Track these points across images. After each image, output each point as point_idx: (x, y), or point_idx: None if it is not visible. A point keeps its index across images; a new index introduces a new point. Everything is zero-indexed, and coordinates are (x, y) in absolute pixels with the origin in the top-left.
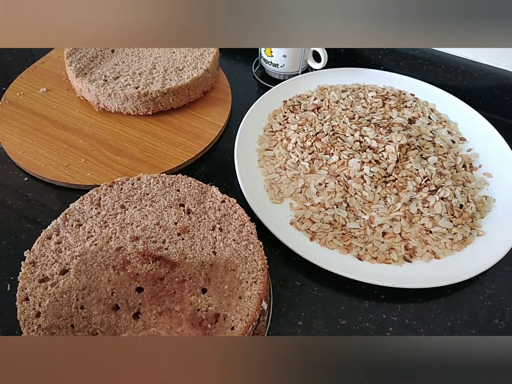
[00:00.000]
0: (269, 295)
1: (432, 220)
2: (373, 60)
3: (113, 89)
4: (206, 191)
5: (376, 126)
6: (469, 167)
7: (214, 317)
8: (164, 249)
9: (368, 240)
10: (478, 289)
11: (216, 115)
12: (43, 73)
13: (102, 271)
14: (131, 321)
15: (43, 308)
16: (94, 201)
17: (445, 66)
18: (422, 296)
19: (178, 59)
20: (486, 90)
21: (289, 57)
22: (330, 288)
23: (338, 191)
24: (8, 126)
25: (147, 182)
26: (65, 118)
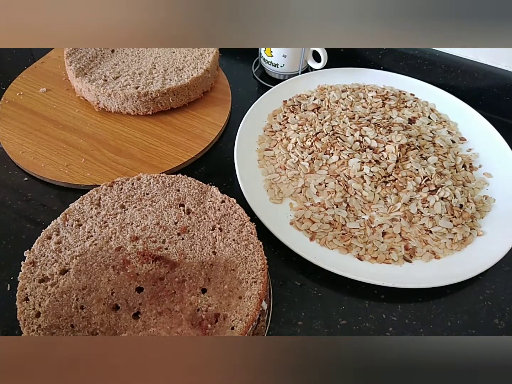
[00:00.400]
0: (269, 295)
1: (432, 220)
2: (373, 60)
3: (113, 89)
4: (206, 191)
5: (376, 126)
6: (469, 167)
7: (214, 317)
8: (164, 249)
9: (368, 240)
10: (478, 289)
11: (216, 115)
12: (43, 73)
13: (102, 271)
14: (131, 321)
15: (43, 308)
16: (94, 201)
17: (445, 66)
18: (422, 296)
19: (178, 59)
20: (486, 90)
21: (289, 57)
22: (330, 288)
23: (338, 191)
24: (8, 126)
25: (147, 182)
26: (65, 118)
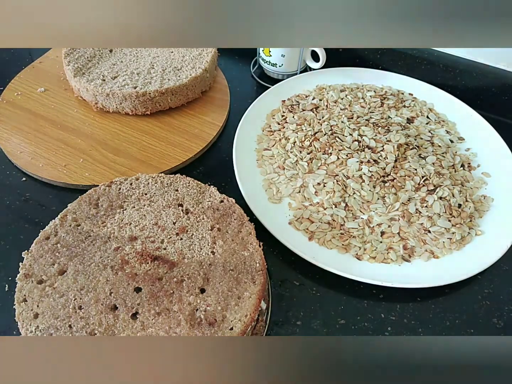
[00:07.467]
0: (267, 295)
1: (430, 219)
2: (372, 60)
3: (111, 89)
4: (204, 191)
5: (375, 125)
6: (468, 167)
7: (213, 317)
8: (162, 249)
9: (366, 240)
10: (476, 288)
11: (215, 114)
12: (41, 73)
13: (100, 271)
14: (129, 322)
15: (41, 309)
16: (92, 201)
17: (443, 65)
18: (421, 296)
19: (176, 58)
20: (484, 89)
21: (288, 57)
22: (329, 288)
23: (337, 190)
24: (6, 126)
25: (145, 182)
26: (63, 118)
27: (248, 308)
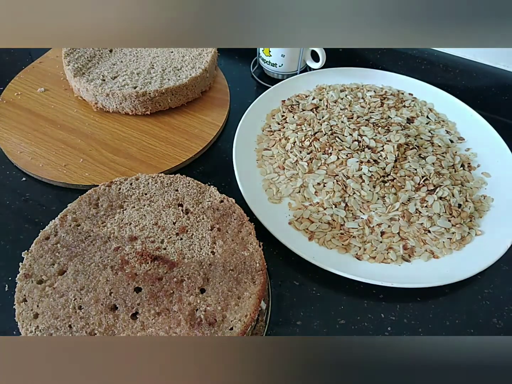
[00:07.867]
0: (267, 295)
1: (430, 219)
2: (372, 60)
3: (111, 88)
4: (204, 191)
5: (375, 125)
6: (468, 167)
7: (213, 317)
8: (162, 249)
9: (366, 240)
10: (476, 288)
11: (215, 114)
12: (41, 73)
13: (100, 271)
14: (129, 322)
15: (41, 309)
16: (92, 201)
17: (443, 65)
18: (421, 296)
19: (176, 58)
20: (484, 89)
21: (288, 57)
22: (329, 288)
23: (337, 190)
24: (6, 126)
25: (145, 182)
26: (63, 118)
27: (248, 308)
